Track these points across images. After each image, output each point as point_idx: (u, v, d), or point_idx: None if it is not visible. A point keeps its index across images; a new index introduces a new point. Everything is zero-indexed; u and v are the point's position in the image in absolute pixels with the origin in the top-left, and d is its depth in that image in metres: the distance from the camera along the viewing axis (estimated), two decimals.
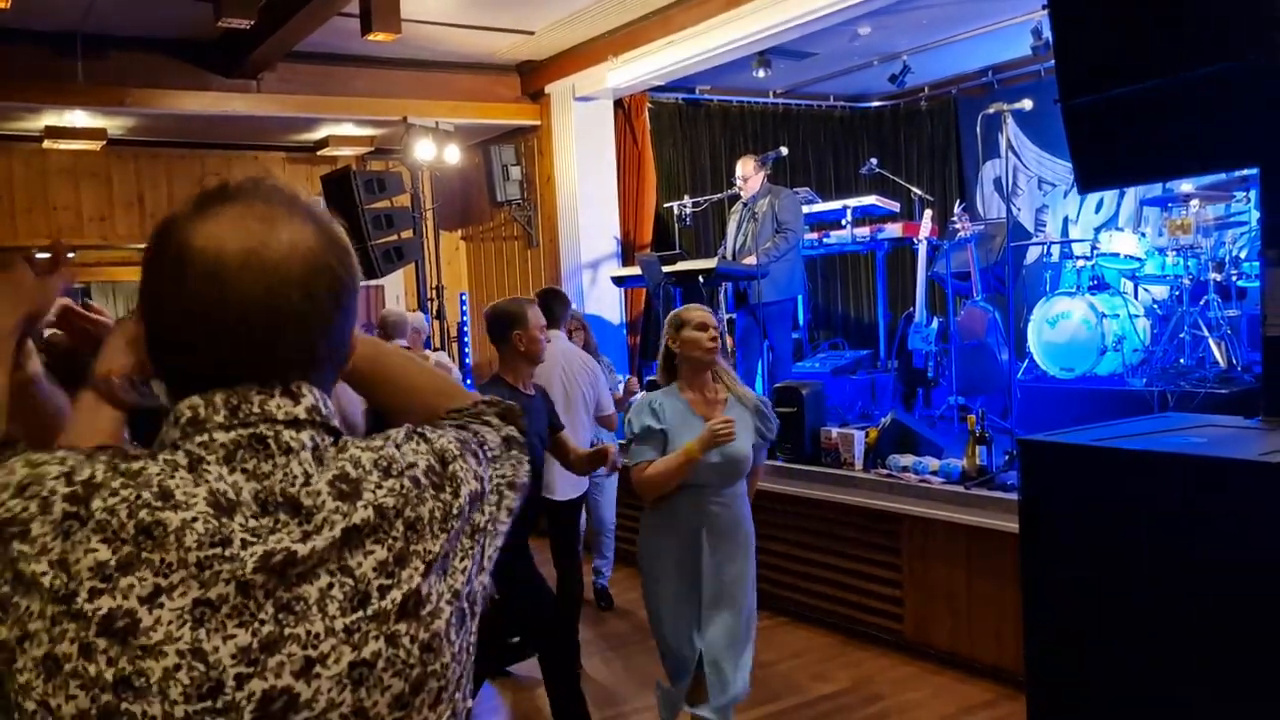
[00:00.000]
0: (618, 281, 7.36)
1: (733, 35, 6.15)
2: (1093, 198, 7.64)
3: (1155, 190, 6.16)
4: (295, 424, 0.91)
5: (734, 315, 6.61)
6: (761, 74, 7.26)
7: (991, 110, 5.24)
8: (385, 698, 0.88)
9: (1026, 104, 5.10)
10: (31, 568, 0.81)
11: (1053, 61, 2.93)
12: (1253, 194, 5.61)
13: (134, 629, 0.80)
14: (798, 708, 4.01)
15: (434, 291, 7.77)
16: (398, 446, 0.96)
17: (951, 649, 4.41)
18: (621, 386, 5.17)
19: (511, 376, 3.75)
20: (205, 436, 0.88)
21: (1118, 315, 5.78)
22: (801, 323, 7.49)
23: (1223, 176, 5.67)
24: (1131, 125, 2.73)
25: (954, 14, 6.76)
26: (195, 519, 0.83)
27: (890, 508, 4.65)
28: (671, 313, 3.29)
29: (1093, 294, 5.89)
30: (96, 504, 0.82)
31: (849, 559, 4.90)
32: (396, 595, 0.89)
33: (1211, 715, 2.19)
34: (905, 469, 4.78)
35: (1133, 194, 7.21)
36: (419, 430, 1.01)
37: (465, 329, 8.69)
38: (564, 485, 4.46)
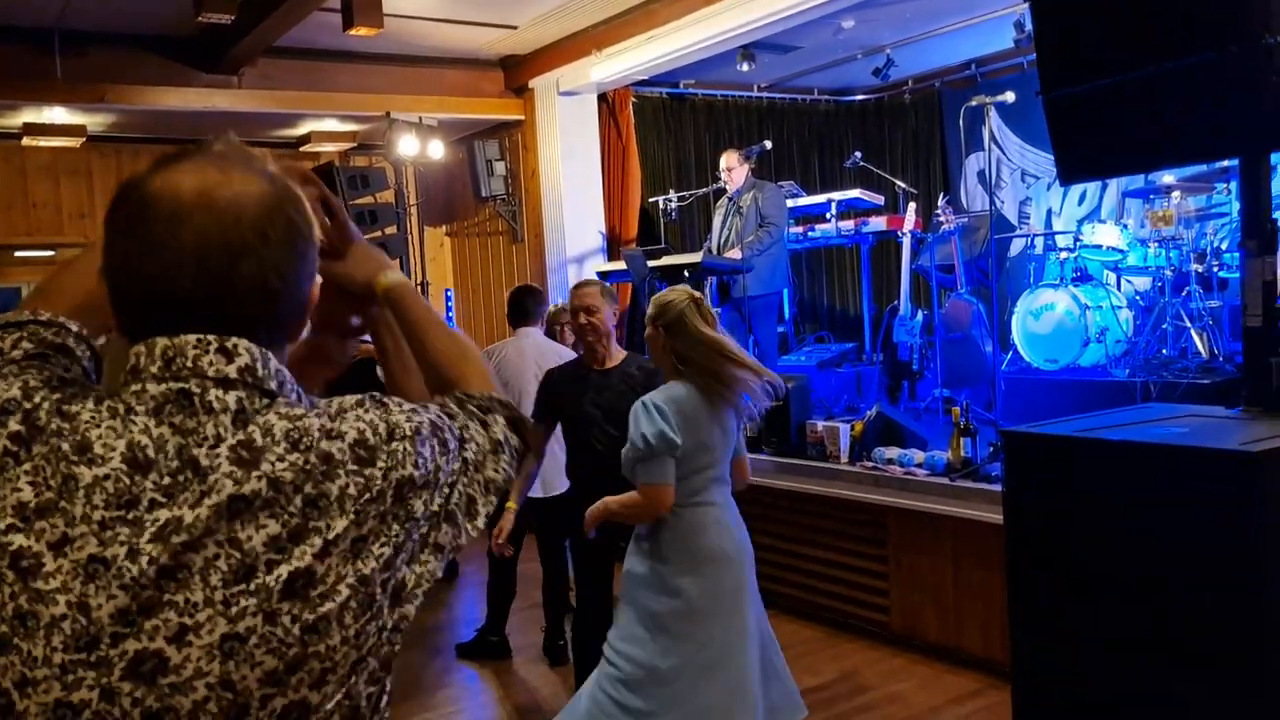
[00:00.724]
0: (603, 276, 7.34)
1: (716, 29, 6.15)
2: (1075, 190, 7.68)
3: (1137, 182, 6.19)
4: (224, 382, 0.90)
5: (719, 309, 6.61)
6: (745, 68, 7.25)
7: (974, 103, 5.27)
8: (255, 673, 0.86)
9: (1009, 97, 5.13)
10: None
11: (1035, 54, 2.94)
12: (1233, 185, 5.64)
13: (36, 571, 0.84)
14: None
15: (419, 287, 7.74)
16: (331, 417, 0.94)
17: (938, 640, 4.43)
18: None
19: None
20: (139, 386, 0.90)
21: (1101, 307, 5.81)
22: (787, 316, 7.50)
23: (1204, 168, 5.70)
24: (1112, 117, 2.74)
25: (937, 7, 6.77)
26: (108, 476, 0.86)
27: (876, 500, 4.67)
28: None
29: (1076, 286, 5.92)
30: (36, 449, 0.86)
31: (835, 551, 4.91)
32: (283, 572, 0.87)
33: (1194, 705, 2.21)
34: (891, 461, 4.80)
35: (1115, 186, 7.24)
36: (383, 400, 0.99)
37: (450, 325, 8.66)
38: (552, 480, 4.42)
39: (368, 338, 1.35)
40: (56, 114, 6.75)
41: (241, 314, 0.92)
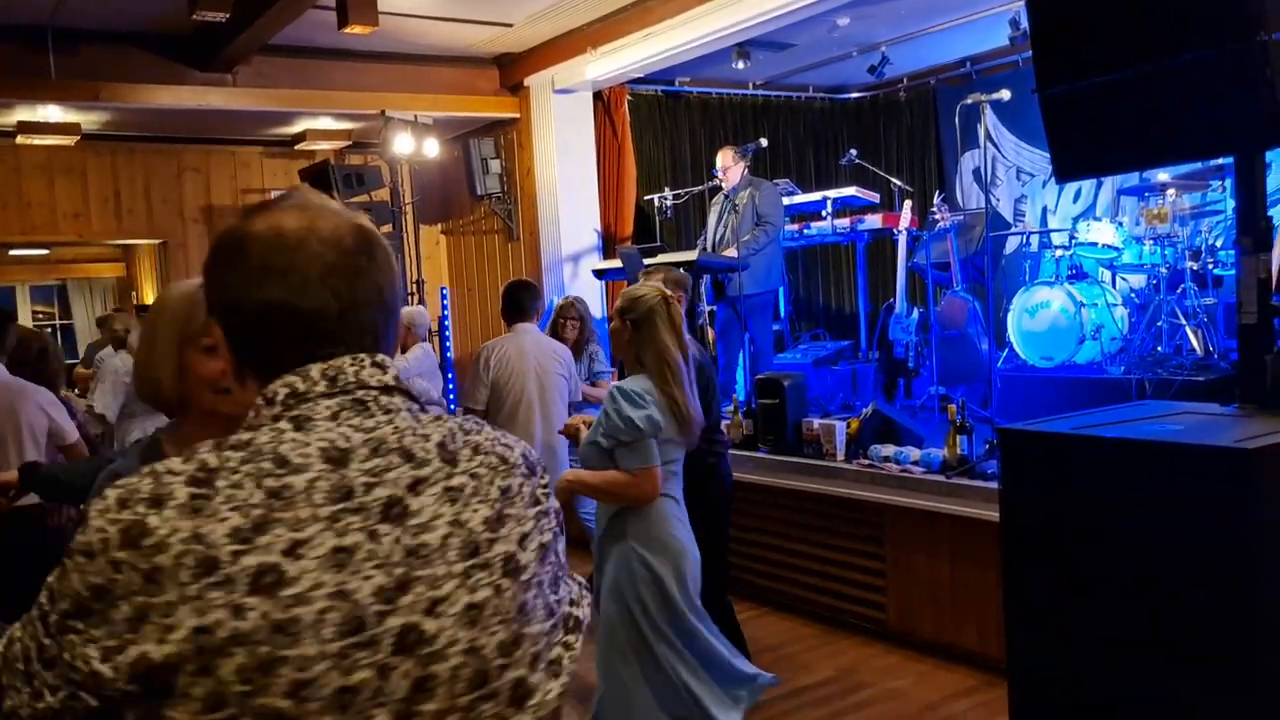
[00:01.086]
0: (599, 274, 7.35)
1: (712, 27, 6.15)
2: (1071, 187, 7.69)
3: (1132, 180, 6.20)
4: (388, 390, 0.99)
5: (714, 308, 6.62)
6: (741, 65, 7.25)
7: (970, 101, 5.27)
8: (493, 640, 0.95)
9: (1004, 95, 5.13)
10: (158, 559, 0.86)
11: (1030, 52, 2.95)
12: (1228, 183, 5.66)
13: (281, 581, 0.87)
14: (781, 698, 4.02)
15: (414, 286, 7.74)
16: (495, 432, 1.05)
17: (934, 637, 4.44)
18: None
19: None
20: (310, 404, 0.96)
21: (1096, 304, 5.82)
22: (783, 314, 7.50)
23: (1198, 165, 5.71)
24: (1108, 114, 2.74)
25: (932, 5, 6.78)
26: (317, 477, 0.91)
27: (872, 498, 4.67)
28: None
29: (1071, 283, 5.93)
30: (221, 483, 0.89)
31: (831, 549, 4.91)
32: (500, 550, 0.97)
33: (1190, 702, 2.21)
34: (887, 459, 4.80)
35: (1110, 184, 7.25)
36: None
37: (446, 323, 8.65)
38: None
39: None
40: (51, 112, 6.74)
41: (366, 331, 1.01)
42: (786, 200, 6.89)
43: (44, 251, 11.03)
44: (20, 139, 6.95)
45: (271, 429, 0.94)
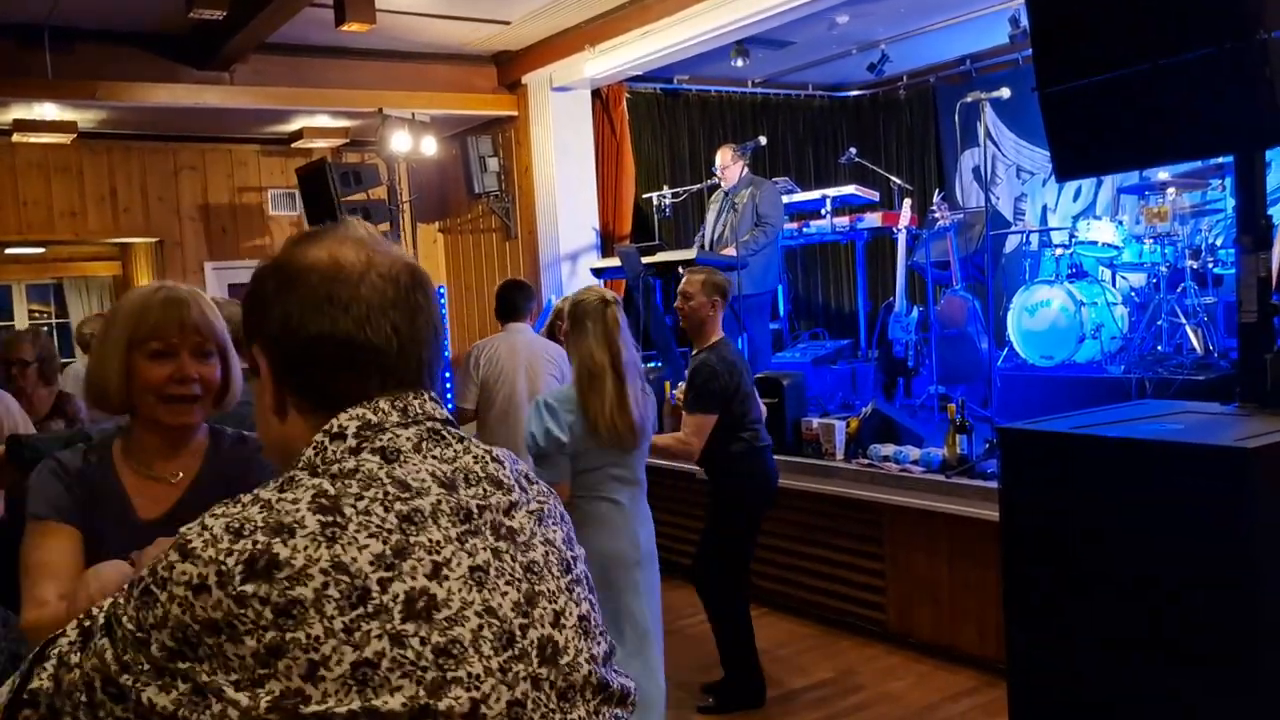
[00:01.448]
0: (597, 273, 7.33)
1: (710, 24, 6.13)
2: (1070, 186, 7.67)
3: (1132, 178, 6.18)
4: (447, 423, 1.01)
5: None
6: (740, 63, 7.23)
7: (969, 99, 5.25)
8: (600, 649, 0.99)
9: (1004, 93, 5.11)
10: (296, 591, 0.82)
11: (1030, 50, 2.93)
12: (1228, 181, 5.64)
13: (434, 604, 0.87)
14: (781, 699, 4.01)
15: None
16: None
17: (933, 638, 4.43)
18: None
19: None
20: (390, 435, 0.95)
21: (1096, 303, 5.81)
22: (782, 313, 7.49)
23: (1198, 164, 5.69)
24: (1109, 113, 2.72)
25: (931, 2, 6.76)
26: (439, 501, 0.93)
27: (871, 497, 4.66)
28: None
29: (1071, 282, 5.91)
30: (348, 509, 0.87)
31: (831, 549, 4.90)
32: (581, 569, 1.03)
33: (1190, 702, 2.20)
34: (886, 459, 4.78)
35: (1110, 182, 7.24)
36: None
37: (444, 323, 8.63)
38: None
39: None
40: (47, 110, 6.71)
41: (423, 366, 1.01)
42: (785, 199, 6.87)
43: (40, 250, 10.99)
44: (16, 137, 6.92)
45: (364, 460, 0.93)
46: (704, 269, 4.08)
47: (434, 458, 0.95)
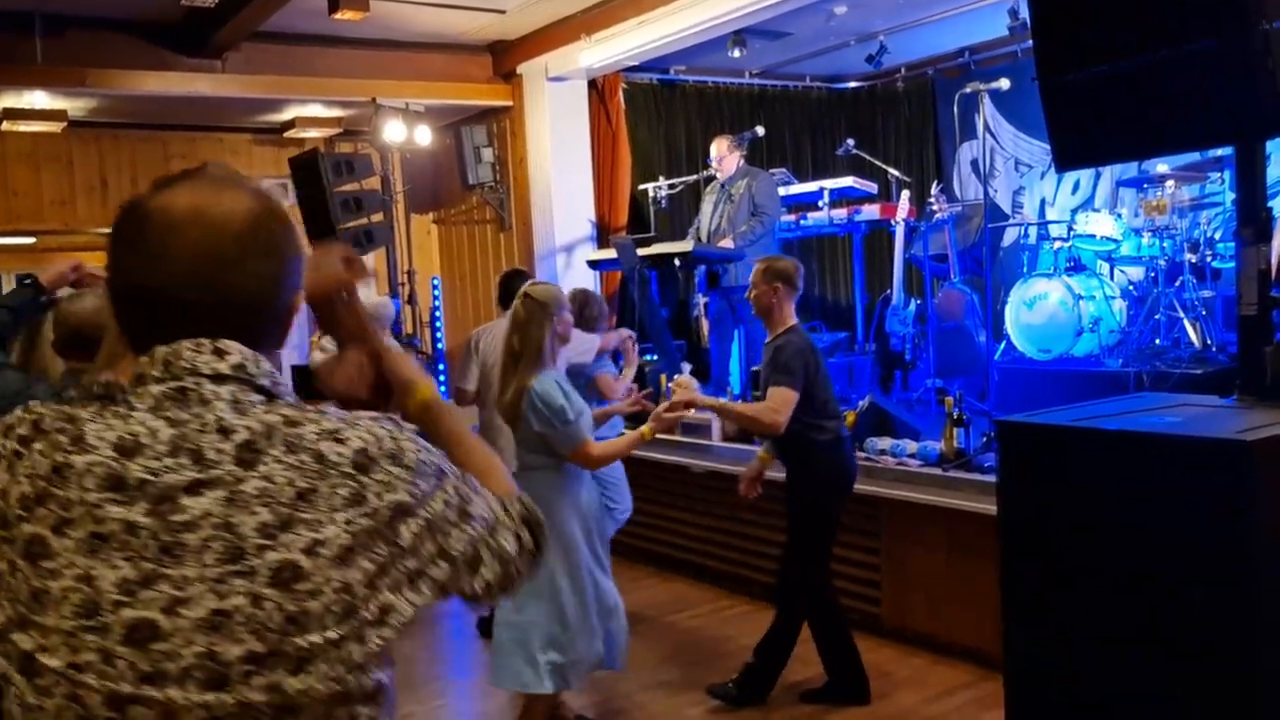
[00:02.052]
0: (593, 265, 7.30)
1: (707, 14, 6.08)
2: (1069, 179, 7.64)
3: (1131, 171, 6.15)
4: (218, 378, 1.00)
5: (706, 297, 6.57)
6: (737, 54, 7.18)
7: (968, 90, 5.22)
8: (238, 650, 0.93)
9: (1003, 83, 5.08)
10: None
11: (1029, 42, 2.91)
12: (1227, 175, 5.61)
13: (44, 553, 0.94)
14: (777, 692, 3.99)
15: (405, 276, 7.67)
16: (344, 422, 1.02)
17: (930, 631, 4.41)
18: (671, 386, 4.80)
19: None
20: (143, 388, 1.00)
21: (1094, 297, 5.78)
22: None
23: (1197, 157, 5.67)
24: (1109, 103, 2.69)
25: None
26: (98, 462, 0.96)
27: (868, 491, 4.63)
28: (552, 296, 3.45)
29: (1069, 275, 5.89)
30: (35, 445, 0.98)
31: None
32: (272, 559, 0.94)
33: (1186, 697, 2.18)
34: (883, 452, 4.76)
35: (1109, 175, 7.21)
36: (402, 426, 1.07)
37: (438, 314, 8.59)
38: None
39: None
40: (37, 98, 6.66)
41: (232, 320, 1.02)
42: (783, 190, 6.83)
43: (30, 240, 10.93)
44: (6, 125, 6.87)
45: (106, 409, 1.00)
46: (765, 258, 4.12)
47: (165, 419, 0.98)
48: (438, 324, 8.50)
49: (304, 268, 1.14)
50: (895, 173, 7.34)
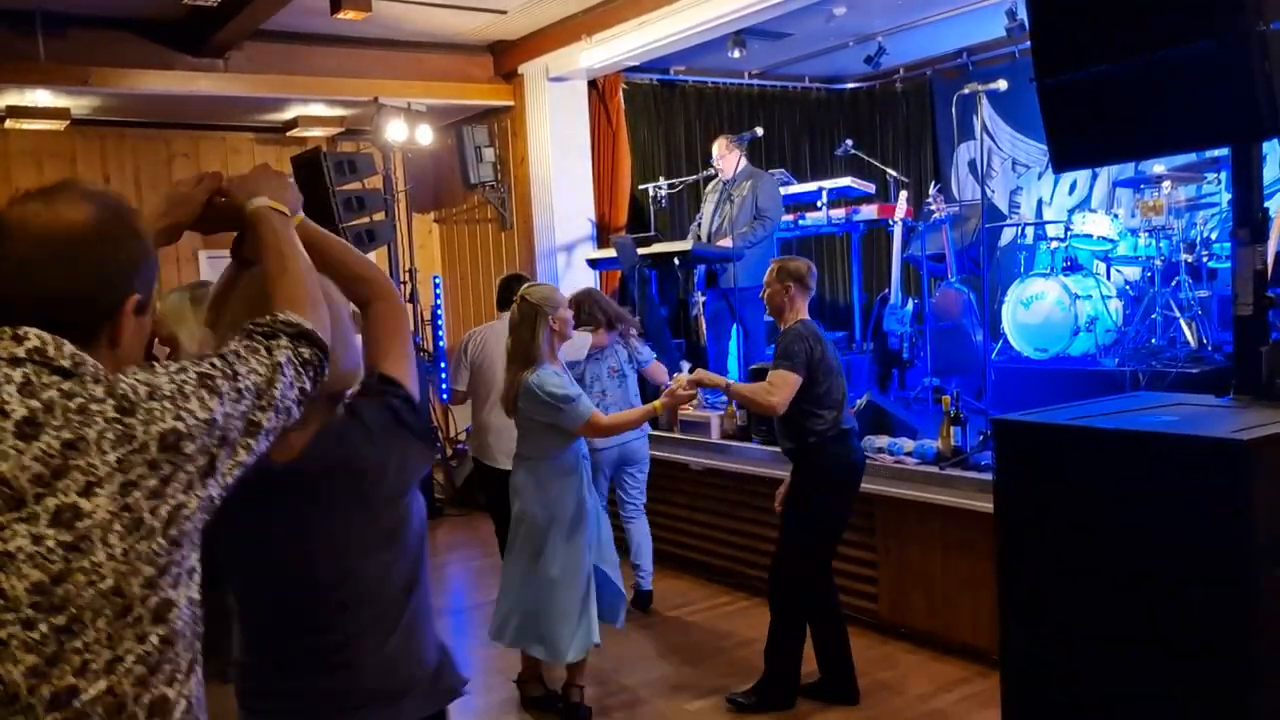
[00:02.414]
0: (593, 264, 7.32)
1: (707, 15, 6.11)
2: (1066, 180, 7.67)
3: (1128, 172, 6.18)
4: (13, 361, 1.15)
5: (704, 295, 6.59)
6: (737, 54, 7.21)
7: (966, 91, 5.25)
8: (23, 583, 1.09)
9: (1001, 84, 5.11)
10: None
11: (1027, 43, 2.93)
12: (1223, 175, 5.65)
13: None
14: None
15: (407, 275, 7.69)
16: (110, 383, 1.18)
17: (927, 628, 4.44)
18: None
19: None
20: None
21: (1090, 296, 5.82)
22: None
23: (1194, 158, 5.70)
24: (1106, 104, 2.72)
25: None
26: None
27: (865, 489, 4.64)
28: (547, 295, 3.75)
29: (1066, 275, 5.92)
30: None
31: None
32: (50, 504, 1.11)
33: (1183, 695, 2.20)
34: (880, 450, 4.78)
35: (1105, 176, 7.24)
36: (154, 365, 1.24)
37: (439, 312, 8.61)
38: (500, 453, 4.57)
39: None
40: (40, 96, 6.67)
41: (50, 315, 1.19)
42: (782, 190, 6.86)
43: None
44: (9, 124, 6.88)
45: None
46: (778, 259, 4.24)
47: None
48: (439, 322, 8.52)
49: (168, 210, 1.54)
50: (893, 173, 7.37)
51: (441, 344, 8.38)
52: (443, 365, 7.96)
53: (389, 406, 1.62)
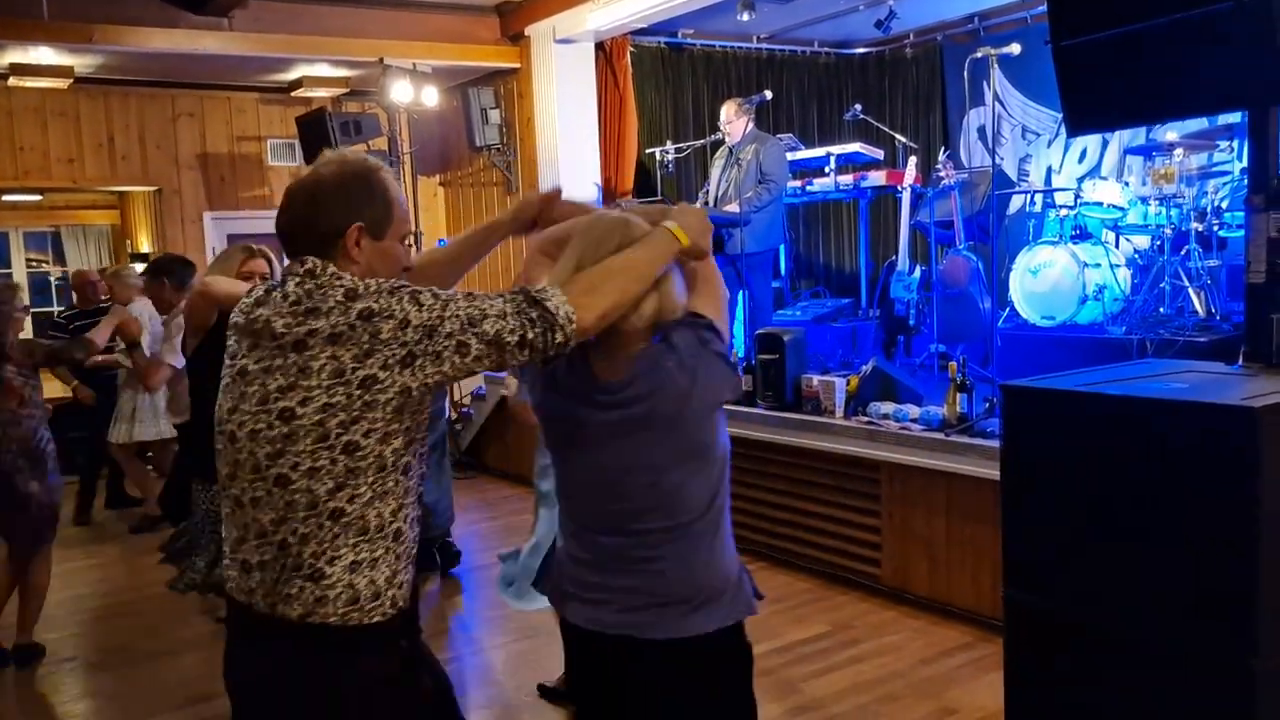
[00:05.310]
0: None
1: None
2: (1076, 147, 7.61)
3: (1139, 139, 6.12)
4: (294, 275, 1.69)
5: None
6: (745, 17, 7.11)
7: (979, 55, 5.18)
8: (263, 450, 1.62)
9: (1014, 48, 5.04)
10: None
11: (1039, 8, 2.91)
12: (1236, 143, 5.59)
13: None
14: (777, 651, 4.05)
15: (412, 238, 7.66)
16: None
17: (930, 593, 4.46)
18: None
19: None
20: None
21: (1099, 265, 5.78)
22: (784, 271, 7.46)
23: (1207, 125, 5.64)
24: (1122, 67, 2.68)
25: None
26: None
27: (870, 455, 4.67)
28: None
29: (1075, 243, 5.89)
30: None
31: (829, 505, 4.93)
32: (281, 405, 1.61)
33: (1189, 662, 2.22)
34: (886, 416, 4.79)
35: (1116, 143, 7.18)
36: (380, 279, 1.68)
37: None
38: None
39: None
40: (43, 54, 6.62)
41: (311, 241, 1.69)
42: (789, 156, 6.81)
43: (37, 197, 10.88)
44: (13, 81, 6.84)
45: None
46: None
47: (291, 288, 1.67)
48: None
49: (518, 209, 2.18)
50: (902, 139, 7.31)
51: None
52: None
53: (698, 336, 1.87)
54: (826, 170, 6.99)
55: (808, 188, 7.19)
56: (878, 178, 6.86)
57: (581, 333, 1.67)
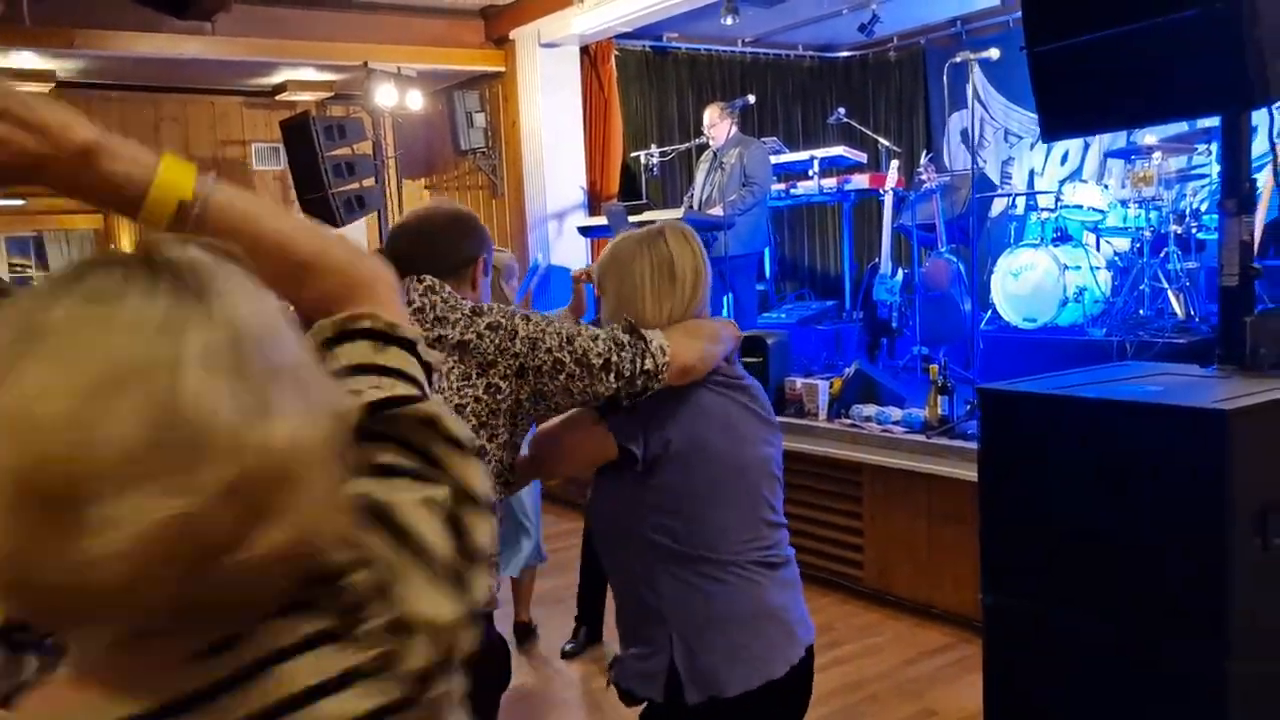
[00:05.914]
0: (584, 232, 7.30)
1: None
2: (1058, 150, 7.66)
3: (1119, 142, 6.17)
4: (418, 290, 1.86)
5: None
6: (730, 21, 7.12)
7: (959, 59, 5.22)
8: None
9: (994, 53, 5.08)
10: None
11: (1019, 11, 2.91)
12: (1214, 146, 5.64)
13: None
14: None
15: None
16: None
17: (911, 595, 4.48)
18: None
19: None
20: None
21: (1079, 267, 5.83)
22: (768, 274, 7.48)
23: (1185, 128, 5.69)
24: (1096, 72, 2.71)
25: None
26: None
27: (853, 457, 4.69)
28: (504, 263, 3.78)
29: (1056, 246, 5.93)
30: None
31: (811, 508, 4.94)
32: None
33: (1164, 663, 2.24)
34: (868, 419, 4.81)
35: (1097, 146, 7.23)
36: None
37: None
38: None
39: None
40: (24, 59, 6.60)
41: (434, 266, 1.86)
42: (773, 159, 6.83)
43: (20, 202, 10.81)
44: None
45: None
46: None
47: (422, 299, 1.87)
48: None
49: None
50: (885, 142, 7.35)
51: None
52: None
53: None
54: (810, 173, 7.01)
55: (791, 191, 7.22)
56: (861, 181, 6.90)
57: (679, 372, 1.81)
